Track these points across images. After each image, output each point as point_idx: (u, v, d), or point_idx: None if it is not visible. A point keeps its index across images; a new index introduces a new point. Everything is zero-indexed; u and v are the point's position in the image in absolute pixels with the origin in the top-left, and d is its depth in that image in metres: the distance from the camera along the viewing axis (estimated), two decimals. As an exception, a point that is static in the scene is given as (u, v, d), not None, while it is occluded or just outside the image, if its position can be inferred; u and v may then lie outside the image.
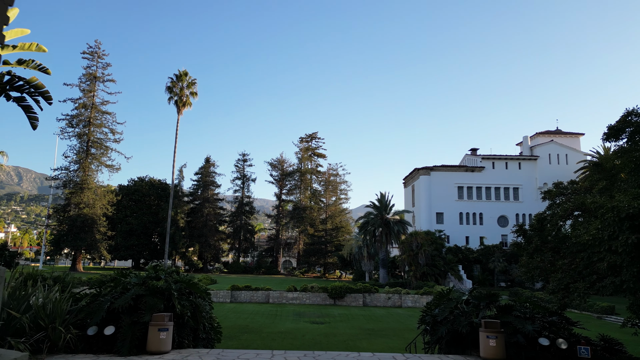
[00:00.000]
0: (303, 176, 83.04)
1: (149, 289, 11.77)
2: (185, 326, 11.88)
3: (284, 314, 31.65)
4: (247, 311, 32.36)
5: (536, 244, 13.05)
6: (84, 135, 60.32)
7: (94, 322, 10.59)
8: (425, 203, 61.93)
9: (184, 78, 49.60)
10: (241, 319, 28.68)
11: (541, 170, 62.77)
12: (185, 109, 50.11)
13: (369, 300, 38.49)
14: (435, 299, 13.73)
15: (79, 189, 58.52)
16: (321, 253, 77.88)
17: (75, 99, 60.72)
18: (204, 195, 78.80)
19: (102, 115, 62.08)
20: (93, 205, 58.85)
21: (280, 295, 38.32)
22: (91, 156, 60.61)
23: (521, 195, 62.82)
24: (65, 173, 60.10)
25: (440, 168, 62.93)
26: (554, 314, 12.96)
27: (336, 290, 37.56)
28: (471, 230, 61.69)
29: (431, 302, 14.14)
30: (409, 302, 38.21)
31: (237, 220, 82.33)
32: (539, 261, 12.69)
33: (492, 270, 58.60)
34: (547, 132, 67.73)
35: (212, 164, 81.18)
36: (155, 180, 77.91)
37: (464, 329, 11.96)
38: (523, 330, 11.27)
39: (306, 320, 28.85)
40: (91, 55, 62.27)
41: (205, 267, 77.12)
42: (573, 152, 63.51)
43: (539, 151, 63.60)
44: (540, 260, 12.70)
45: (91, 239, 57.73)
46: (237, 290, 38.74)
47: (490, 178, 62.71)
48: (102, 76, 62.23)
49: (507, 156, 63.77)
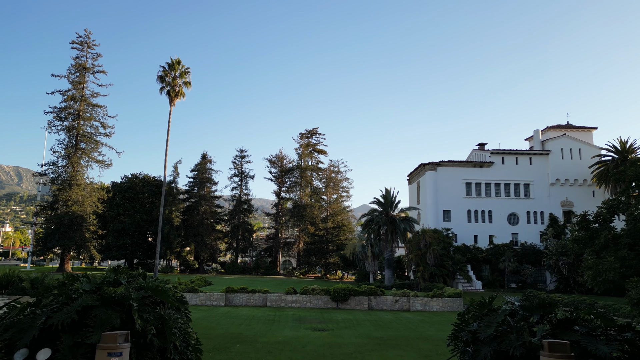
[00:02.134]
0: (303, 173, 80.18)
1: (102, 299, 8.69)
2: (149, 347, 8.83)
3: (283, 319, 28.74)
4: (242, 316, 29.45)
5: (606, 239, 10.15)
6: (72, 129, 57.40)
7: (22, 344, 7.58)
8: (432, 200, 59.00)
9: (176, 67, 46.73)
10: (235, 325, 25.76)
11: (553, 166, 59.79)
12: (178, 100, 47.19)
13: (375, 303, 35.59)
14: (472, 308, 10.71)
15: (68, 185, 55.60)
16: (322, 253, 75.03)
17: (64, 91, 57.87)
18: (200, 193, 75.91)
19: (92, 108, 59.19)
20: (82, 203, 55.93)
21: (279, 298, 35.40)
22: (80, 151, 57.69)
23: (532, 191, 59.86)
24: (53, 169, 57.20)
25: (447, 163, 59.98)
26: (627, 328, 9.95)
27: (339, 293, 34.65)
28: (480, 229, 58.75)
29: (466, 312, 11.03)
30: (417, 305, 35.31)
31: (234, 218, 79.40)
32: (612, 261, 9.73)
33: (502, 271, 55.72)
34: (558, 127, 64.81)
35: (209, 160, 78.29)
36: (150, 177, 75.02)
37: (516, 351, 8.86)
38: (596, 352, 8.27)
39: (307, 326, 25.94)
40: (81, 45, 59.42)
41: (202, 268, 74.21)
42: (587, 146, 60.53)
43: (551, 145, 60.62)
44: (614, 259, 9.74)
45: (80, 238, 54.79)
46: (232, 293, 35.81)
47: (500, 174, 59.75)
48: (92, 67, 59.40)
49: (517, 151, 60.82)
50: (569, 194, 59.69)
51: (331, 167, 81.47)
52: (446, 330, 26.30)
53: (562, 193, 59.70)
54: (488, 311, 10.17)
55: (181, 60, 47.27)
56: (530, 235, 58.57)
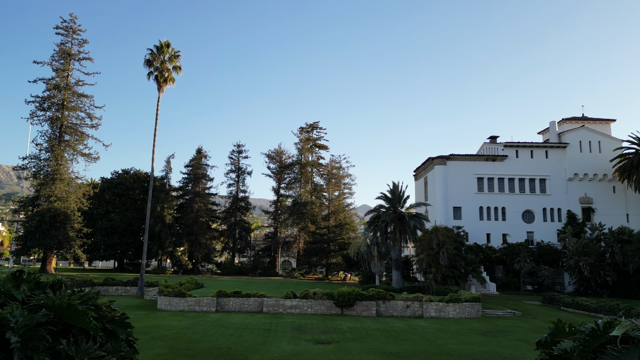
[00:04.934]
0: (303, 169, 76.31)
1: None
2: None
3: (280, 328, 24.89)
4: (233, 324, 25.60)
5: None
6: (56, 119, 53.48)
7: None
8: (441, 196, 55.09)
9: (165, 50, 42.81)
10: (224, 337, 21.90)
11: (571, 159, 55.83)
12: (167, 86, 43.23)
13: (384, 309, 31.72)
14: (576, 338, 6.75)
15: (50, 180, 51.66)
16: (323, 252, 71.20)
17: (47, 79, 53.92)
18: (194, 190, 72.01)
19: (77, 98, 55.26)
20: (66, 199, 51.99)
21: (277, 303, 31.51)
22: (64, 143, 53.74)
23: (548, 187, 55.94)
24: (35, 162, 53.24)
25: (458, 157, 56.07)
26: None
27: (344, 298, 30.79)
28: (493, 227, 54.83)
29: (552, 341, 7.05)
30: (432, 311, 31.42)
31: (231, 217, 75.52)
32: None
33: (517, 272, 51.83)
34: (574, 119, 60.90)
35: (204, 155, 74.40)
36: (142, 173, 71.12)
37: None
38: None
39: (308, 338, 22.10)
40: (65, 30, 55.52)
41: (196, 268, 70.31)
42: (607, 139, 56.58)
43: (569, 138, 56.67)
44: None
45: (63, 237, 50.84)
46: (224, 297, 31.94)
47: (514, 168, 55.82)
48: (78, 54, 55.49)
49: (532, 143, 56.91)
50: (588, 190, 55.79)
51: (332, 162, 77.64)
52: (470, 342, 22.36)
53: (581, 189, 55.79)
54: (606, 342, 6.06)
55: (171, 43, 43.38)
56: (547, 234, 54.68)
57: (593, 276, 47.00)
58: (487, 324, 28.76)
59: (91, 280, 39.84)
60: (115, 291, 40.31)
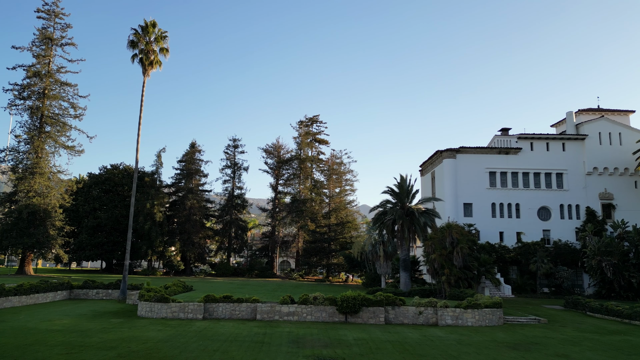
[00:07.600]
0: (302, 164, 72.51)
1: None
2: None
3: (275, 340, 21.10)
4: (221, 336, 21.77)
5: None
6: (37, 109, 49.58)
7: None
8: (450, 192, 51.28)
9: (151, 30, 38.99)
10: (207, 352, 18.09)
11: (590, 152, 52.01)
12: (153, 70, 39.39)
13: (393, 316, 27.91)
14: None
15: (30, 173, 47.78)
16: (324, 252, 67.38)
17: (27, 66, 50.07)
18: (187, 186, 68.13)
19: (60, 86, 51.41)
20: (46, 194, 48.13)
21: (272, 310, 27.68)
22: (45, 134, 49.86)
23: (566, 182, 52.11)
24: (14, 155, 49.37)
25: (468, 150, 52.25)
26: None
27: (348, 303, 26.98)
28: (506, 225, 50.98)
29: None
30: (448, 318, 27.61)
31: (226, 215, 71.61)
32: None
33: (533, 273, 48.04)
34: (590, 110, 57.10)
35: (198, 149, 70.54)
36: (131, 169, 67.13)
37: None
38: None
39: (307, 354, 18.30)
40: (47, 14, 51.69)
41: (189, 269, 66.41)
42: (629, 130, 52.76)
43: (587, 129, 52.84)
44: None
45: (43, 235, 46.96)
46: (213, 303, 28.09)
47: (528, 162, 52.00)
48: (60, 39, 51.59)
49: (548, 135, 53.07)
50: (608, 185, 51.99)
51: (333, 157, 73.82)
52: None
53: (601, 183, 51.99)
54: None
55: (157, 22, 39.51)
56: (565, 232, 50.89)
57: (616, 278, 43.28)
58: (513, 333, 24.95)
59: (69, 283, 36.02)
60: (96, 295, 36.52)
